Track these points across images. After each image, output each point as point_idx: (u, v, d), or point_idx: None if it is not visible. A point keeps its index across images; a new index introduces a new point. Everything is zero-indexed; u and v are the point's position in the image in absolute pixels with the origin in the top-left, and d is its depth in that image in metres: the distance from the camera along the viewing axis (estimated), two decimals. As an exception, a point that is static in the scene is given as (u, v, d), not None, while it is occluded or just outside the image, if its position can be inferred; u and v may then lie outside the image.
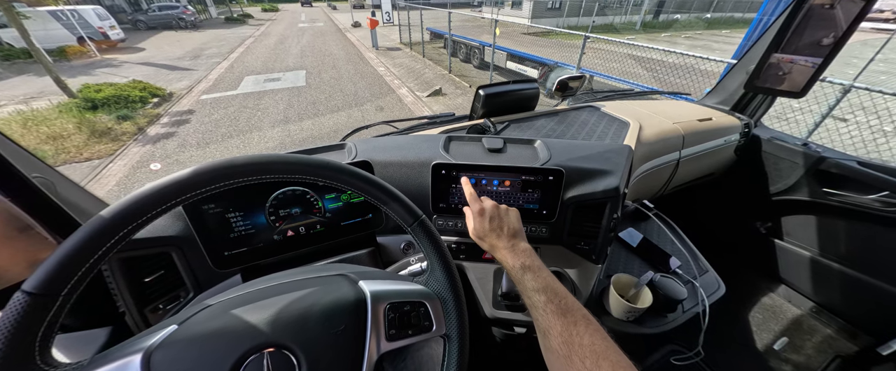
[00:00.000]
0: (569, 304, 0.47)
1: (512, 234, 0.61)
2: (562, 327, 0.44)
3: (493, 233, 0.61)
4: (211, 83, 7.26)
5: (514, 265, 0.56)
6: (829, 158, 1.28)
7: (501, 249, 0.59)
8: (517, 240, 0.60)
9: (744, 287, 1.61)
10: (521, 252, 0.57)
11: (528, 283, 0.52)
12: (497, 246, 0.60)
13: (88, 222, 0.30)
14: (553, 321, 0.45)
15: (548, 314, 0.47)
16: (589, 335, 0.42)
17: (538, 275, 0.53)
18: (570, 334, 0.43)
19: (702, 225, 1.55)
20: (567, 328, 0.44)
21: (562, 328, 0.44)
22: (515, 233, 0.62)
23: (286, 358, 0.35)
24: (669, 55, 4.01)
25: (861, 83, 2.53)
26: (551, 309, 0.47)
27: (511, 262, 0.56)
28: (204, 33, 16.21)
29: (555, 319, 0.46)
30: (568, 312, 0.46)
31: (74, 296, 0.30)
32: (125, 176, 3.72)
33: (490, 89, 1.12)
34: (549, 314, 0.47)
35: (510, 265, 0.56)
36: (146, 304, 0.62)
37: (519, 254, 0.57)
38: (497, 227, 0.61)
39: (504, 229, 0.61)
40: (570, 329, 0.44)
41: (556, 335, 0.44)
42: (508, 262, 0.57)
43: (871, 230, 1.24)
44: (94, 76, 7.98)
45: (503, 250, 0.59)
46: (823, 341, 1.38)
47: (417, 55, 9.63)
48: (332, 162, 0.42)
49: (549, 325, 0.46)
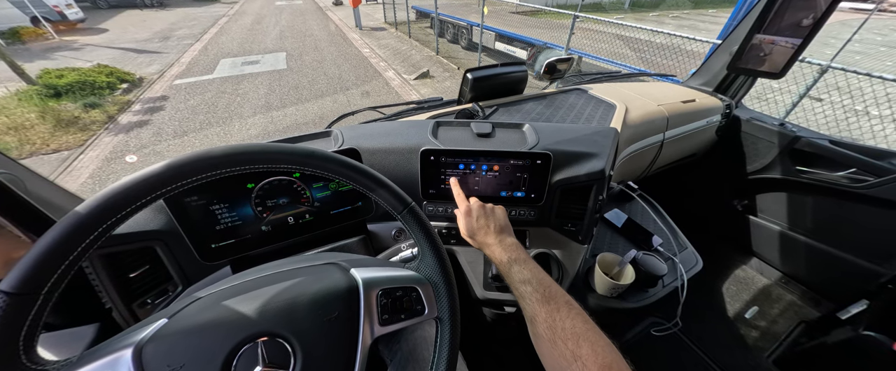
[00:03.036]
0: (552, 292, 0.50)
1: (499, 230, 0.63)
2: (546, 314, 0.47)
3: (481, 231, 0.64)
4: (184, 67, 6.84)
5: (502, 259, 0.58)
6: (803, 137, 1.33)
7: (490, 246, 0.61)
8: (504, 235, 0.63)
9: (720, 261, 1.71)
10: (509, 246, 0.60)
11: (515, 275, 0.54)
12: (486, 243, 0.62)
13: (64, 218, 0.29)
14: (538, 308, 0.48)
15: (533, 302, 0.49)
16: (570, 319, 0.45)
17: (524, 266, 0.55)
18: (553, 320, 0.45)
19: (683, 204, 1.62)
20: (551, 314, 0.46)
21: (546, 314, 0.47)
22: (502, 228, 0.64)
23: (281, 346, 0.36)
24: (657, 35, 4.01)
25: (837, 64, 2.60)
26: (536, 297, 0.49)
27: (499, 256, 0.59)
28: (172, 12, 15.10)
29: (539, 307, 0.48)
30: (551, 299, 0.48)
31: (56, 294, 0.29)
32: (98, 168, 3.54)
33: (478, 73, 1.10)
34: (534, 302, 0.49)
35: (498, 259, 0.59)
36: (133, 300, 0.61)
37: (506, 248, 0.59)
38: (484, 225, 0.64)
39: (491, 227, 0.64)
40: (554, 315, 0.46)
41: (541, 321, 0.46)
42: (497, 257, 0.59)
43: (837, 205, 1.32)
44: (53, 60, 7.39)
45: (492, 246, 0.61)
46: (790, 308, 1.50)
47: (403, 36, 9.29)
48: (318, 150, 0.41)
49: (535, 312, 0.48)
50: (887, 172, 1.18)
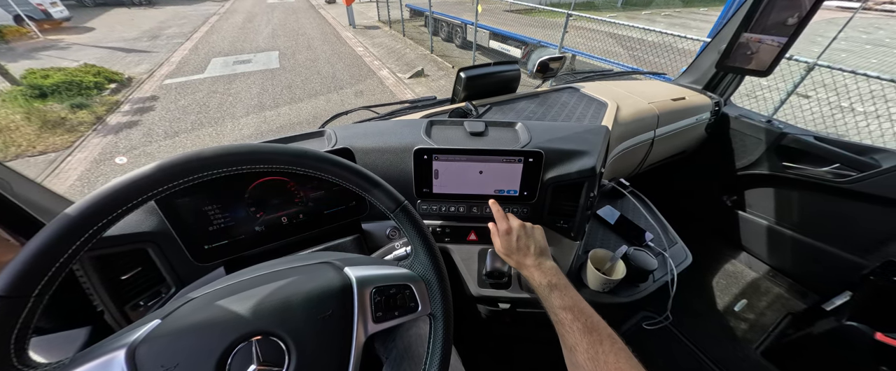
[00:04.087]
0: (595, 323, 0.49)
1: (538, 253, 0.63)
2: (588, 344, 0.46)
3: (520, 252, 0.63)
4: (174, 66, 6.73)
5: (541, 283, 0.58)
6: (790, 134, 1.36)
7: (529, 267, 0.61)
8: (543, 258, 0.62)
9: (709, 256, 1.74)
10: (548, 270, 0.59)
11: (555, 301, 0.54)
12: (524, 264, 0.62)
13: (54, 221, 0.29)
14: (579, 338, 0.47)
15: (574, 331, 0.49)
16: (614, 354, 0.44)
17: (565, 293, 0.55)
18: (595, 352, 0.45)
19: (674, 200, 1.64)
20: (593, 346, 0.46)
21: (588, 345, 0.46)
22: (542, 251, 0.64)
23: (275, 345, 0.36)
24: (649, 34, 4.05)
25: (824, 61, 2.66)
26: (577, 327, 0.49)
27: (538, 279, 0.58)
28: (161, 10, 14.82)
29: (581, 337, 0.47)
30: (594, 330, 0.48)
31: (46, 297, 0.29)
32: (87, 170, 3.47)
33: (471, 72, 1.10)
34: (575, 332, 0.48)
35: (537, 283, 0.58)
36: (126, 302, 0.61)
37: (546, 272, 0.59)
38: (524, 246, 0.64)
39: (531, 248, 0.63)
40: (596, 347, 0.46)
41: (582, 352, 0.46)
42: (535, 280, 0.59)
43: (822, 199, 1.35)
44: (38, 60, 7.21)
45: (531, 268, 0.61)
46: (777, 301, 1.53)
47: (397, 34, 9.24)
48: (310, 150, 0.41)
49: (576, 342, 0.47)
50: (869, 167, 1.21)
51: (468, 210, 0.83)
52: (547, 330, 0.55)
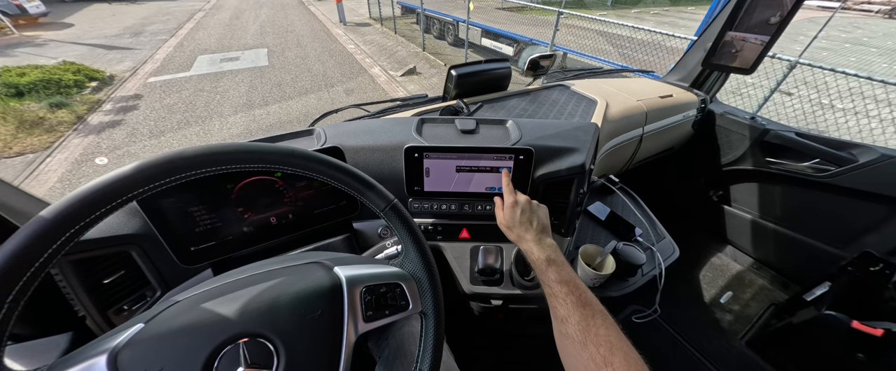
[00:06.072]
0: (588, 298, 0.51)
1: (540, 229, 0.64)
2: (580, 317, 0.47)
3: (522, 225, 0.64)
4: (158, 64, 6.54)
5: (539, 257, 0.58)
6: (773, 130, 1.40)
7: (528, 241, 0.62)
8: (544, 235, 0.63)
9: (696, 249, 1.79)
10: (547, 246, 0.60)
11: (551, 275, 0.55)
12: (524, 237, 0.63)
13: (28, 224, 0.28)
14: (572, 310, 0.49)
15: (567, 304, 0.50)
16: (605, 327, 0.46)
17: (562, 269, 0.56)
18: (587, 324, 0.46)
19: (662, 195, 1.68)
20: (585, 318, 0.47)
21: (580, 317, 0.47)
22: (544, 228, 0.65)
23: (263, 346, 0.35)
24: (637, 32, 4.10)
25: (805, 59, 2.74)
26: (571, 300, 0.50)
27: (537, 254, 0.59)
28: (144, 6, 14.36)
29: (574, 309, 0.49)
30: (587, 305, 0.49)
31: (21, 303, 0.28)
32: (68, 171, 3.36)
33: (462, 69, 1.10)
34: (568, 304, 0.50)
35: (535, 257, 0.59)
36: (109, 307, 0.59)
37: (545, 248, 0.60)
38: (527, 221, 0.64)
39: (533, 223, 0.64)
40: (588, 320, 0.47)
41: (573, 323, 0.47)
42: (534, 254, 0.60)
43: (803, 193, 1.39)
44: (14, 57, 6.92)
45: (530, 242, 0.61)
46: (761, 292, 1.58)
47: (389, 31, 9.16)
48: (298, 149, 0.41)
49: (569, 313, 0.49)
50: (847, 162, 1.26)
51: (459, 208, 0.83)
52: (539, 324, 0.56)
